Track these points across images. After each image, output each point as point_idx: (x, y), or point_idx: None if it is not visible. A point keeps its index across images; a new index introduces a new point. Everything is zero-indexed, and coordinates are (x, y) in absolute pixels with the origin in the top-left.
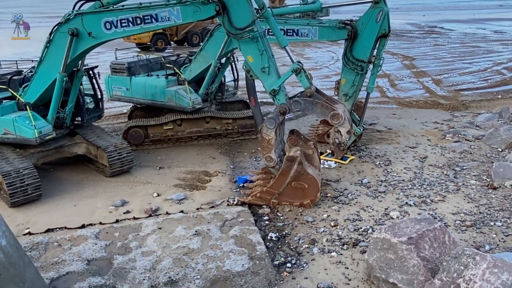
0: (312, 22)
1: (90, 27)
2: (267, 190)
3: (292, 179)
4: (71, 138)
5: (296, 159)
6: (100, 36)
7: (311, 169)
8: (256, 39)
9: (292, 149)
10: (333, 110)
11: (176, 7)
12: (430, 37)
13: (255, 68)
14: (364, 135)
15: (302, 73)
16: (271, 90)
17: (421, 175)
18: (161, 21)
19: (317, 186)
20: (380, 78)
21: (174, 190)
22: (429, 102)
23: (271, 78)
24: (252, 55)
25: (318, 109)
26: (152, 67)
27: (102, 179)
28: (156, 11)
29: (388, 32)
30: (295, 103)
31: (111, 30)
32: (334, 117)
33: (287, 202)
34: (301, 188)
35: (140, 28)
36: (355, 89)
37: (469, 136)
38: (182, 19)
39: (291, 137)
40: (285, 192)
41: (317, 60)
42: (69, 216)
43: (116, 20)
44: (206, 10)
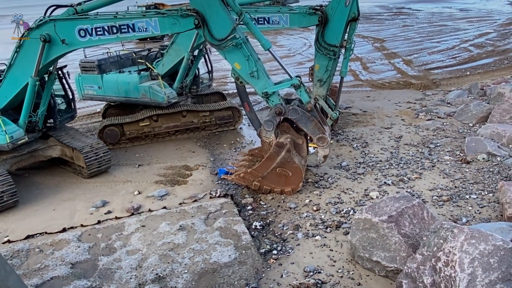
0: (282, 9)
1: (63, 34)
2: (251, 172)
3: (278, 165)
4: (45, 141)
5: (285, 146)
6: (73, 43)
7: (298, 158)
8: (240, 46)
9: (282, 135)
10: (323, 133)
11: (154, 18)
12: (399, 18)
13: (244, 74)
14: (340, 119)
15: (301, 88)
16: (263, 93)
17: (397, 154)
18: (138, 31)
19: (300, 176)
20: (352, 61)
21: (155, 186)
22: (401, 83)
23: (261, 81)
24: (238, 62)
25: (311, 125)
26: (123, 63)
27: (80, 180)
28: (133, 21)
29: (358, 16)
30: (293, 111)
31: (86, 38)
32: (320, 139)
33: (269, 187)
34: (285, 175)
35: (116, 37)
36: (329, 74)
37: (441, 113)
38: (160, 31)
39: (283, 124)
40: (269, 177)
41: (290, 48)
42: (49, 221)
43: (91, 28)
44: (185, 23)
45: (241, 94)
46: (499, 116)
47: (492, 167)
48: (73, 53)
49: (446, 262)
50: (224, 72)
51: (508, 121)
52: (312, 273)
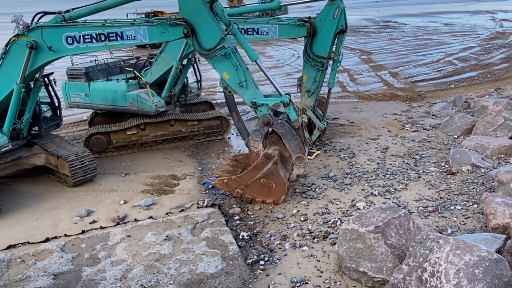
0: (271, 21)
1: (50, 41)
2: (236, 179)
3: (263, 176)
4: (29, 149)
5: (272, 158)
6: (61, 50)
7: (283, 171)
8: (228, 56)
9: (271, 147)
10: (303, 153)
11: (142, 27)
12: (385, 31)
13: (232, 84)
14: (328, 130)
15: (291, 106)
16: (251, 102)
17: (384, 165)
18: (126, 39)
19: (284, 189)
20: (340, 73)
21: (142, 196)
22: (388, 95)
23: (249, 91)
24: (227, 71)
25: (294, 143)
26: (111, 71)
27: (64, 189)
28: (122, 29)
29: (346, 28)
30: (280, 125)
31: (73, 45)
32: (299, 159)
33: (251, 196)
34: (269, 187)
35: (104, 45)
36: (317, 85)
37: (426, 125)
38: (149, 39)
39: (272, 136)
40: (252, 186)
41: (278, 58)
42: (31, 230)
43: (79, 36)
44: (174, 32)
45: (229, 103)
46: (483, 128)
47: (476, 178)
48: (60, 60)
49: (432, 273)
50: (212, 82)
51: (492, 134)
52: (299, 283)
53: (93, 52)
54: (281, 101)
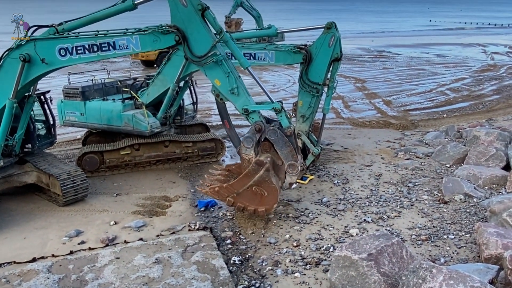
0: (268, 47)
1: (43, 53)
2: (227, 187)
3: (255, 183)
4: (21, 167)
5: (264, 165)
6: (54, 62)
7: (275, 179)
8: (220, 62)
9: (263, 154)
10: (295, 160)
11: (134, 36)
12: (379, 61)
13: (224, 91)
14: (322, 155)
15: (283, 113)
16: (243, 109)
17: (377, 192)
18: (119, 49)
19: (276, 197)
20: (334, 100)
21: (133, 217)
22: (381, 122)
23: (241, 98)
24: (218, 78)
25: (286, 150)
26: (108, 91)
27: (54, 208)
28: (114, 39)
29: (341, 56)
30: (272, 132)
31: (66, 57)
32: (291, 166)
33: (243, 205)
34: (261, 195)
35: (97, 55)
36: (311, 110)
37: (419, 153)
38: (141, 48)
39: (265, 143)
40: (244, 194)
41: (274, 83)
42: (18, 250)
43: (72, 47)
44: (166, 40)
45: (221, 111)
46: (475, 158)
47: (469, 208)
48: (57, 79)
49: None
50: (208, 104)
51: (484, 164)
52: None
53: (85, 63)
54: (273, 107)
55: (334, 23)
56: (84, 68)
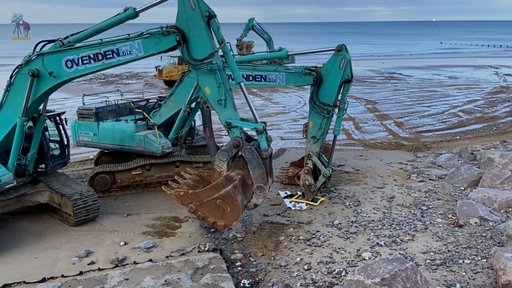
0: (279, 69)
1: (51, 66)
2: (192, 194)
3: (220, 197)
4: (34, 186)
5: (233, 181)
6: (61, 75)
7: (241, 197)
8: (214, 71)
9: (235, 170)
10: (265, 183)
11: (137, 41)
12: (390, 82)
13: (212, 100)
14: (333, 177)
15: (263, 135)
16: (226, 122)
17: (390, 215)
18: (122, 55)
19: (237, 215)
20: (345, 121)
21: (142, 237)
22: (393, 144)
23: (227, 110)
24: (209, 86)
25: (258, 172)
26: (121, 112)
27: (65, 228)
28: (117, 45)
29: (351, 78)
30: (249, 151)
31: (72, 68)
32: (260, 188)
33: (203, 215)
34: (223, 209)
35: (102, 63)
36: (322, 131)
37: (432, 175)
38: (144, 52)
39: (240, 160)
40: (207, 205)
41: (285, 105)
42: (28, 270)
43: (78, 58)
44: (167, 41)
45: (205, 118)
46: (489, 181)
47: (484, 232)
48: (71, 100)
49: None
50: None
51: (499, 186)
52: None
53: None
54: (255, 127)
55: (344, 45)
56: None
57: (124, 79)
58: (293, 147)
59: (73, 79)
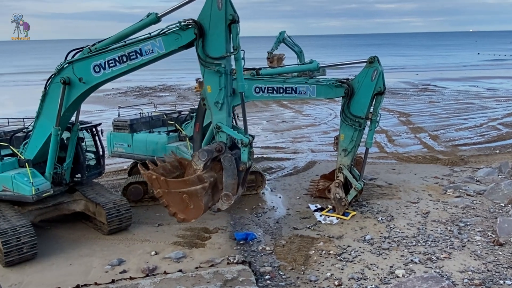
0: (310, 81)
1: (80, 73)
2: (163, 181)
3: (187, 193)
4: (70, 195)
5: (204, 182)
6: (90, 80)
7: (207, 199)
8: (220, 74)
9: (210, 172)
10: (233, 194)
11: (158, 39)
12: (424, 94)
13: (210, 99)
14: (365, 190)
15: (247, 148)
16: (216, 125)
17: (425, 231)
18: (145, 54)
19: (197, 214)
20: (377, 133)
21: (173, 248)
22: (428, 157)
23: (221, 114)
24: (212, 86)
25: (230, 181)
26: (154, 124)
27: (99, 237)
28: (140, 45)
29: (384, 90)
30: (228, 159)
31: (100, 73)
32: (226, 196)
33: (167, 203)
34: (187, 204)
35: (127, 65)
36: (354, 144)
37: (470, 191)
38: (165, 49)
39: (217, 164)
40: (173, 195)
41: (315, 117)
42: (63, 276)
43: (104, 62)
44: (186, 35)
45: (199, 114)
46: None
47: None
48: (108, 112)
49: None
50: None
51: None
52: None
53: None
54: (241, 139)
55: (376, 57)
56: (133, 102)
57: (157, 91)
58: (324, 160)
59: (101, 85)
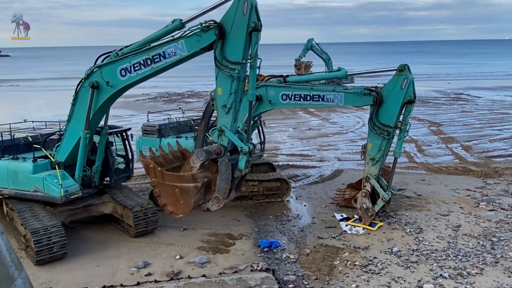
0: (337, 89)
1: (107, 76)
2: (159, 172)
3: (179, 188)
4: (100, 197)
5: (197, 182)
6: (116, 84)
7: (198, 197)
8: (232, 79)
9: (204, 172)
10: (224, 198)
11: (180, 41)
12: (457, 103)
13: (219, 101)
14: (393, 201)
15: (245, 156)
16: (220, 128)
17: (456, 245)
18: (168, 57)
19: (185, 211)
20: (407, 143)
21: (197, 252)
22: (460, 169)
23: (226, 118)
24: (222, 89)
25: (223, 185)
26: (182, 129)
27: (126, 239)
28: (163, 48)
29: (414, 99)
30: (224, 164)
31: (126, 76)
32: (216, 199)
33: (159, 193)
34: (177, 198)
35: (151, 68)
36: (382, 153)
37: (504, 204)
38: (187, 51)
39: (214, 166)
40: (166, 187)
41: (342, 125)
42: (91, 277)
43: (130, 66)
44: (207, 36)
45: (206, 113)
46: None
47: None
48: (137, 117)
49: None
50: (275, 144)
51: None
52: None
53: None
54: (241, 146)
55: (407, 65)
56: (161, 107)
57: (185, 97)
58: (350, 169)
59: (127, 89)
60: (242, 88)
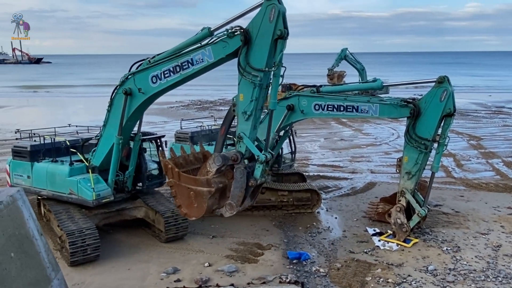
0: (372, 100)
1: (140, 83)
2: (177, 173)
3: (194, 191)
4: (133, 202)
5: (211, 187)
6: (148, 90)
7: (212, 202)
8: (254, 86)
9: (220, 177)
10: (237, 205)
11: (207, 48)
12: (498, 117)
13: (240, 108)
14: (429, 217)
15: (262, 165)
16: (239, 135)
17: (496, 265)
18: (196, 64)
19: (198, 214)
20: (445, 157)
21: (226, 261)
22: (501, 186)
23: (246, 124)
24: (244, 95)
25: (237, 193)
26: (213, 136)
27: (156, 244)
28: (191, 55)
29: (454, 111)
30: (240, 171)
31: (157, 83)
32: (229, 205)
33: (175, 194)
34: (191, 201)
35: (179, 75)
36: (418, 167)
37: None
38: (214, 57)
39: (230, 172)
40: (182, 189)
41: (376, 136)
42: (122, 280)
43: (160, 73)
44: (233, 42)
45: (227, 118)
46: None
47: None
48: (170, 123)
49: None
50: (306, 154)
51: None
52: None
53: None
54: (257, 155)
55: (446, 77)
56: (194, 114)
57: (217, 105)
58: (384, 182)
59: (158, 96)
60: (264, 95)
